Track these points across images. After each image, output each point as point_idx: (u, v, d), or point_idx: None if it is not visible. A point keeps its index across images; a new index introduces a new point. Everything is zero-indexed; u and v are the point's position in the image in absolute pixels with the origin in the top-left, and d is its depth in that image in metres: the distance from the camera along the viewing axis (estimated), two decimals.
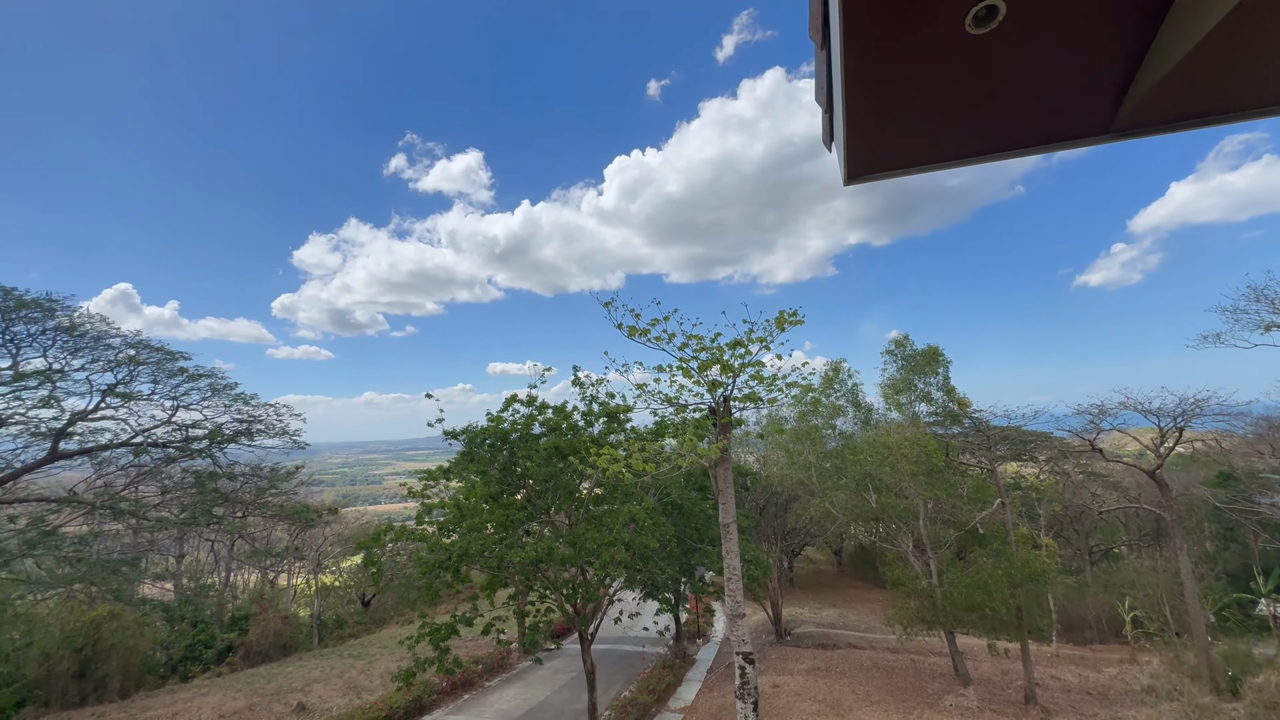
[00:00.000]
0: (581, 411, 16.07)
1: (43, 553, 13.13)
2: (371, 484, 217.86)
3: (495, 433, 15.33)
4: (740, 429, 23.92)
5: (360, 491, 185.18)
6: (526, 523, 15.07)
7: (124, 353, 15.47)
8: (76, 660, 20.87)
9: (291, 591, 37.62)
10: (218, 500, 16.49)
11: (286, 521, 20.41)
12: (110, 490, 15.10)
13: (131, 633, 22.26)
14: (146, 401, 16.01)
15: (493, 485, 15.64)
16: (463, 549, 13.25)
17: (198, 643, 25.22)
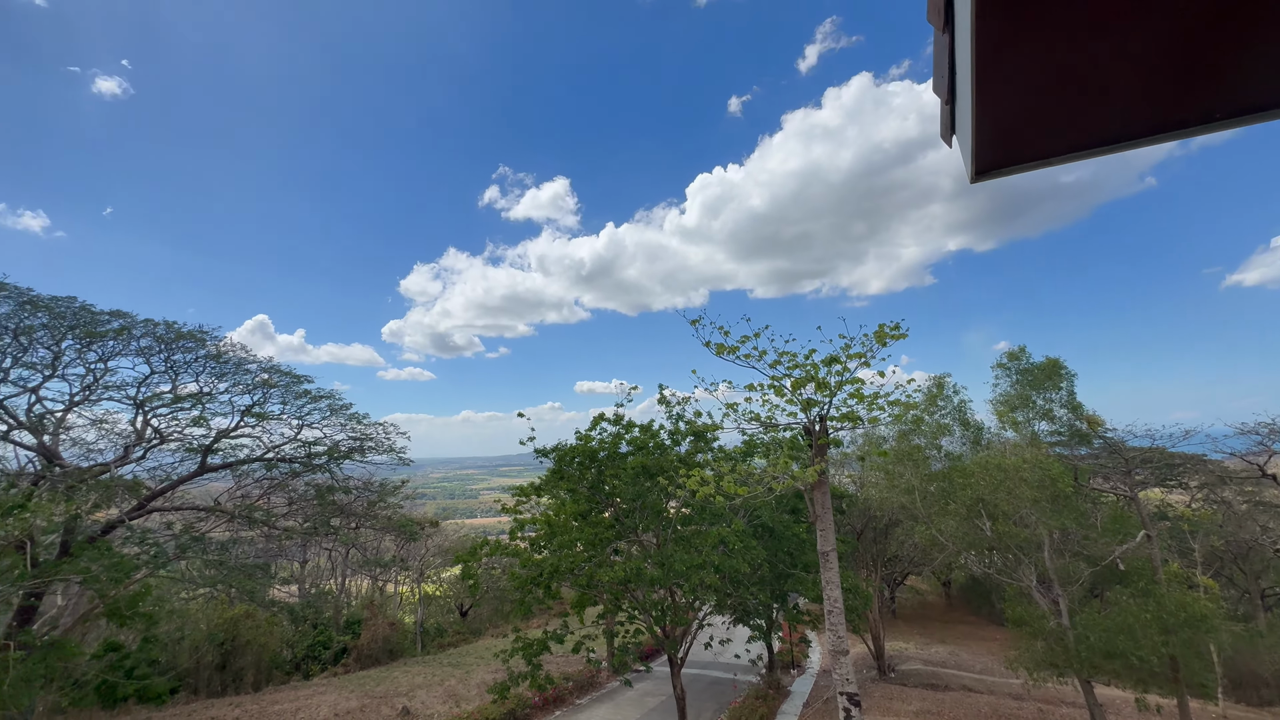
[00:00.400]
0: (668, 430, 16.00)
1: (192, 555, 14.80)
2: (468, 498, 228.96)
3: (583, 451, 15.54)
4: (836, 450, 22.82)
5: (458, 505, 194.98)
6: (615, 541, 15.09)
7: (259, 377, 17.35)
8: (219, 653, 23.26)
9: (398, 599, 40.06)
10: (335, 512, 17.88)
11: (393, 533, 21.75)
12: (246, 501, 16.82)
13: (263, 631, 24.53)
14: (276, 420, 17.79)
15: (581, 503, 15.85)
16: (553, 566, 13.44)
17: (317, 643, 27.33)
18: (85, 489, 13.13)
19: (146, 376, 16.07)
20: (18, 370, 14.36)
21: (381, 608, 32.26)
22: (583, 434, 16.12)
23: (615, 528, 15.10)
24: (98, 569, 10.42)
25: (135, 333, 15.37)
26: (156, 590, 13.45)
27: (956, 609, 39.64)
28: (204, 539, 14.72)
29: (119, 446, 15.75)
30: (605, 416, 16.39)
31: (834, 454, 28.63)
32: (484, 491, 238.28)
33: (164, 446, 16.17)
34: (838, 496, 23.97)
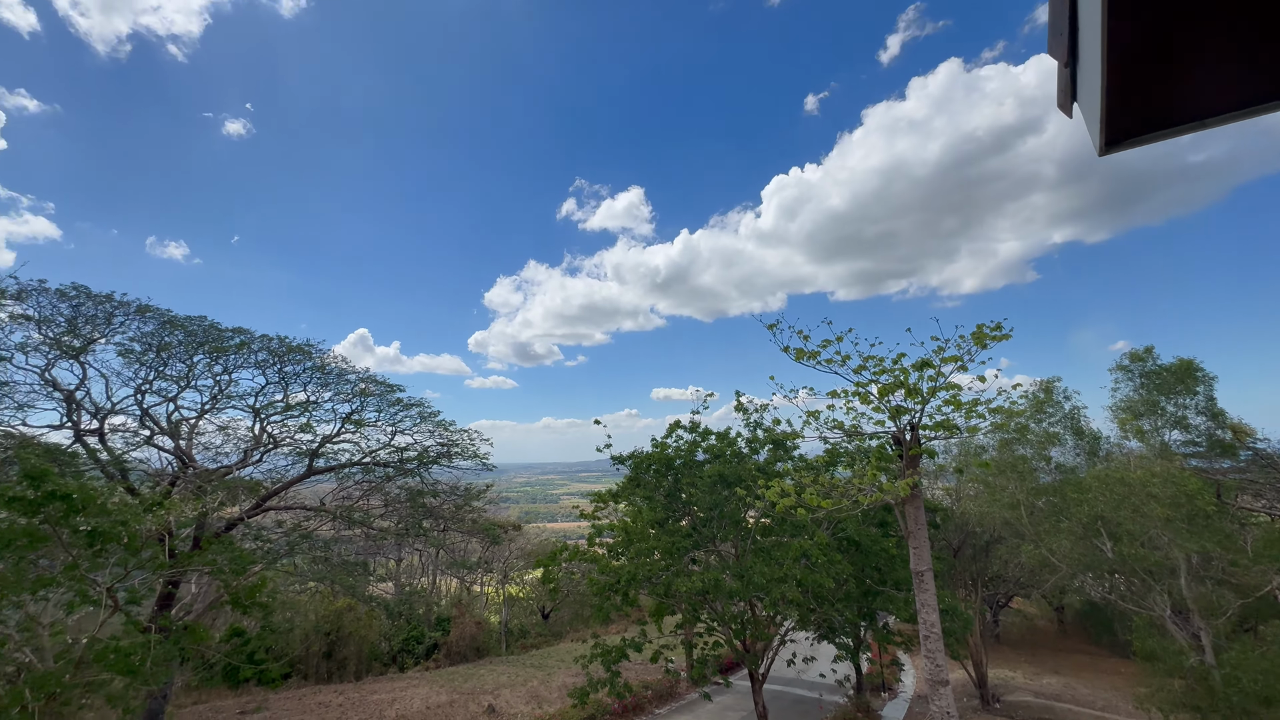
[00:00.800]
0: (746, 438, 15.68)
1: (301, 551, 16.09)
2: (549, 502, 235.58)
3: (659, 459, 15.49)
4: (929, 461, 21.46)
5: (539, 509, 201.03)
6: (692, 551, 14.91)
7: (357, 387, 18.65)
8: (326, 643, 25.14)
9: (483, 599, 41.67)
10: (425, 514, 18.85)
11: (478, 536, 22.63)
12: (347, 502, 18.08)
13: (364, 624, 26.28)
14: (372, 427, 19.04)
15: (658, 510, 15.80)
16: (631, 573, 13.44)
17: (411, 638, 28.91)
18: (213, 488, 14.59)
19: (262, 387, 17.71)
20: (159, 382, 16.25)
21: (469, 607, 33.67)
22: (659, 441, 16.09)
23: (693, 537, 14.96)
24: (222, 561, 11.49)
25: (253, 347, 17.00)
26: (271, 583, 14.73)
27: (1071, 636, 36.03)
28: (311, 536, 15.95)
29: (240, 451, 17.42)
30: (681, 424, 16.28)
31: (927, 465, 26.95)
32: (564, 496, 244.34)
33: (277, 451, 17.71)
34: (931, 510, 22.50)
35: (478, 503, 22.13)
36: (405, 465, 19.00)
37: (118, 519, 8.78)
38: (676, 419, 16.53)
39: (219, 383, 17.22)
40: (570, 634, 34.90)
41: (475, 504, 21.51)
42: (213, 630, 20.05)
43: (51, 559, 9.82)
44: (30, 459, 10.18)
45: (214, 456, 17.66)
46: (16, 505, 7.90)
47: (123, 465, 15.41)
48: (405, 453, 19.31)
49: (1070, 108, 1.52)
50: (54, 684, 7.71)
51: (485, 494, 23.08)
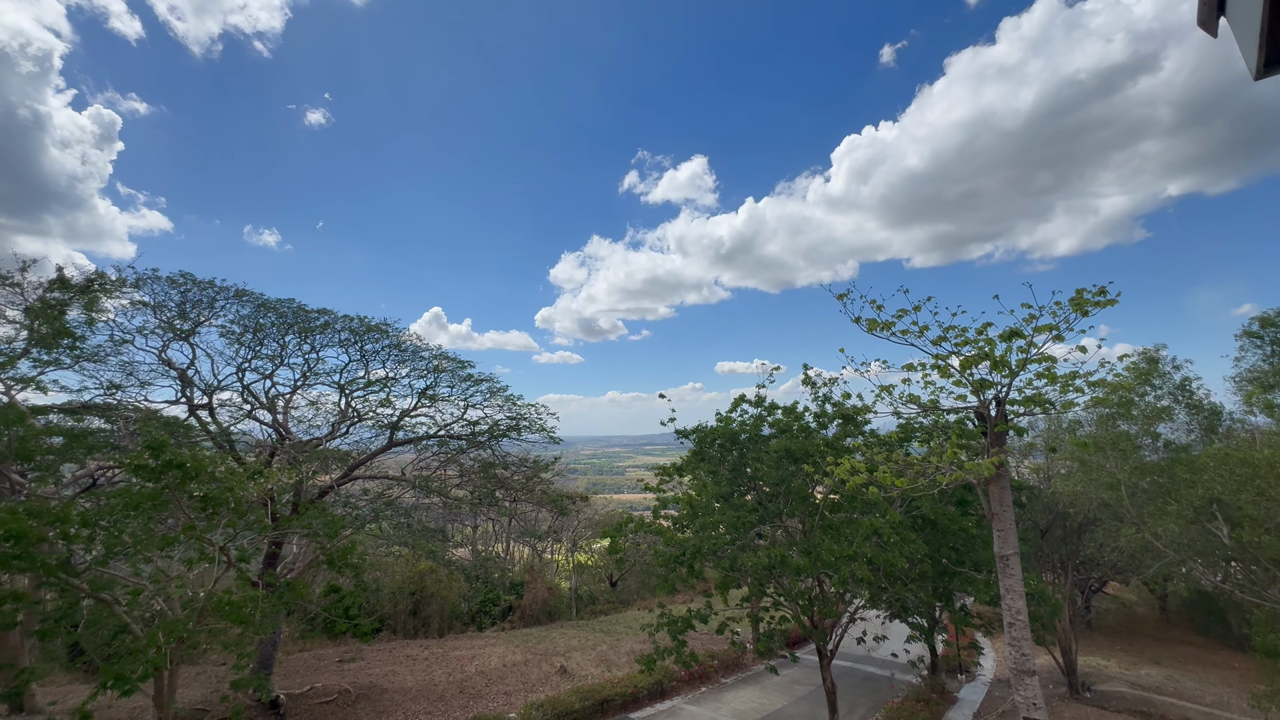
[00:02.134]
0: (813, 413, 15.35)
1: (385, 518, 17.27)
2: (615, 474, 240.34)
3: (724, 433, 15.40)
4: (1017, 439, 20.25)
5: (606, 481, 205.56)
6: (758, 525, 14.84)
7: (432, 363, 19.52)
8: (411, 601, 27.03)
9: (554, 566, 43.40)
10: (497, 485, 19.71)
11: (547, 507, 23.44)
12: (425, 472, 19.16)
13: (445, 585, 28.02)
14: (446, 402, 19.96)
15: (723, 485, 15.80)
16: (696, 546, 13.55)
17: (488, 600, 30.60)
18: (307, 458, 15.79)
19: (346, 364, 18.90)
20: (257, 361, 17.64)
21: (540, 573, 35.19)
22: (723, 415, 16.01)
23: (758, 511, 14.89)
24: (318, 525, 12.45)
25: (336, 327, 18.11)
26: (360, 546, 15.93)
27: (1176, 626, 33.41)
28: (394, 504, 17.06)
29: (328, 424, 18.73)
30: (746, 398, 16.12)
31: (1013, 442, 25.59)
32: (629, 469, 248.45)
33: (361, 424, 18.94)
34: (1016, 488, 21.28)
35: (546, 474, 22.85)
36: (477, 438, 19.81)
37: (225, 485, 9.65)
38: (741, 393, 16.43)
39: (308, 360, 18.50)
40: (637, 602, 35.82)
41: (544, 475, 22.21)
42: (313, 587, 21.94)
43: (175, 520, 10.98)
44: (151, 431, 11.34)
45: (307, 429, 19.10)
46: (142, 472, 8.83)
47: (229, 437, 16.94)
48: (477, 426, 20.13)
49: (1215, 24, 1.26)
50: (182, 629, 8.64)
51: (553, 466, 23.80)
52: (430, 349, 19.81)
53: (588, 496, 43.11)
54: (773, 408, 16.08)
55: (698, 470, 16.63)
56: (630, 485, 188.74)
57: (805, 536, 14.30)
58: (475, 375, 20.18)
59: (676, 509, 16.35)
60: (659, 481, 18.34)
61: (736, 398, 16.24)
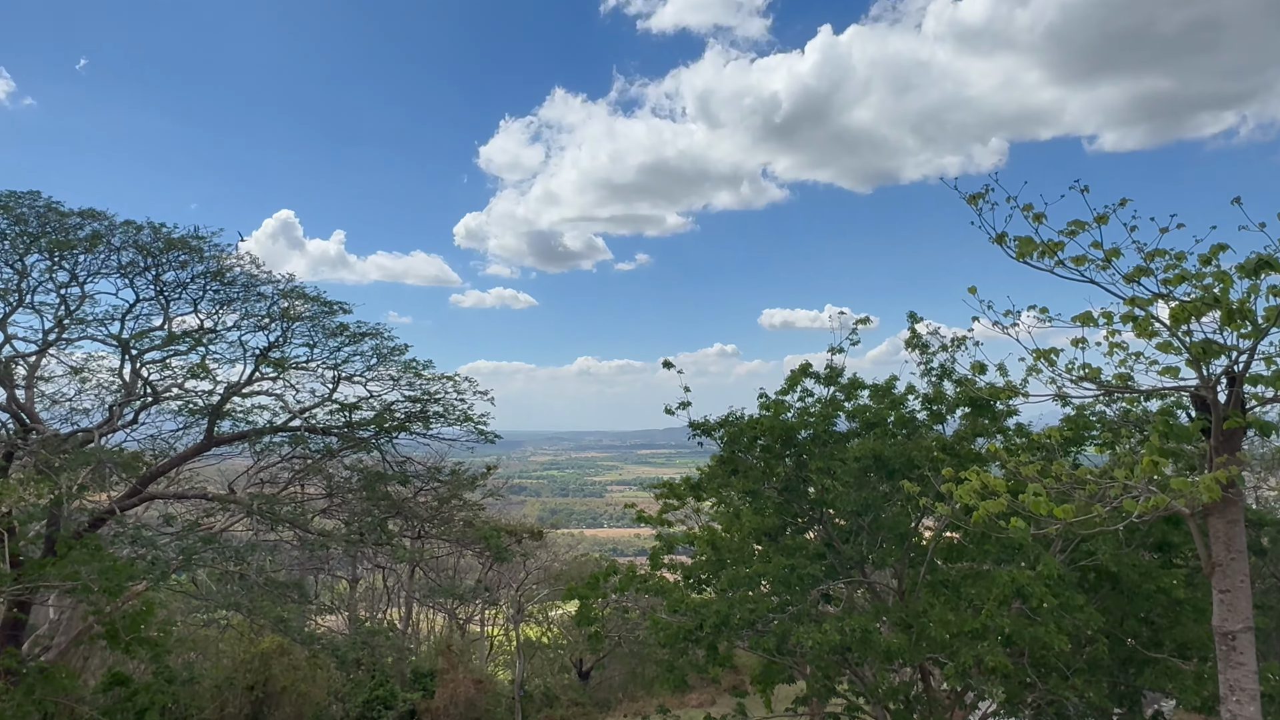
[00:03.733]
0: (922, 394, 15.52)
1: (202, 564, 17.44)
2: (589, 495, 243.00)
3: (772, 428, 15.50)
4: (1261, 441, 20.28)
5: (574, 506, 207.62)
6: (826, 581, 15.10)
7: (278, 305, 19.58)
8: (248, 701, 27.55)
9: (486, 645, 44.25)
10: (390, 510, 19.91)
11: (476, 547, 23.72)
12: (270, 489, 19.30)
13: (304, 675, 28.52)
14: (303, 371, 20.07)
15: (768, 514, 16.09)
16: (721, 615, 13.77)
17: (376, 699, 31.26)
18: (68, 463, 15.65)
19: (131, 305, 18.74)
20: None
21: (463, 657, 35.82)
22: (771, 399, 16.16)
23: (826, 558, 15.12)
24: (88, 574, 12.48)
25: (114, 241, 17.87)
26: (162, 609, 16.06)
27: None
28: (216, 540, 17.16)
29: (104, 405, 18.69)
30: (811, 370, 16.24)
31: (1254, 447, 25.38)
32: (612, 487, 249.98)
33: (160, 407, 18.94)
34: (1253, 523, 21.66)
35: (472, 494, 23.01)
36: (356, 432, 19.92)
37: None
38: (802, 361, 16.49)
39: (65, 298, 18.31)
40: (624, 704, 36.67)
41: (468, 496, 22.38)
42: (82, 676, 22.21)
43: None
44: None
45: (67, 414, 19.01)
46: None
47: None
48: (356, 412, 20.22)
49: None
50: None
51: (485, 480, 23.92)
52: (276, 280, 19.71)
53: (542, 532, 43.52)
54: (854, 386, 16.22)
55: (727, 489, 16.81)
56: (613, 513, 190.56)
57: (903, 599, 14.52)
58: (354, 328, 20.17)
59: (690, 553, 16.51)
60: (662, 508, 18.48)
61: (795, 370, 16.32)
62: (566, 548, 52.81)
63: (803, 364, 16.37)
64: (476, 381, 21.27)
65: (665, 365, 16.88)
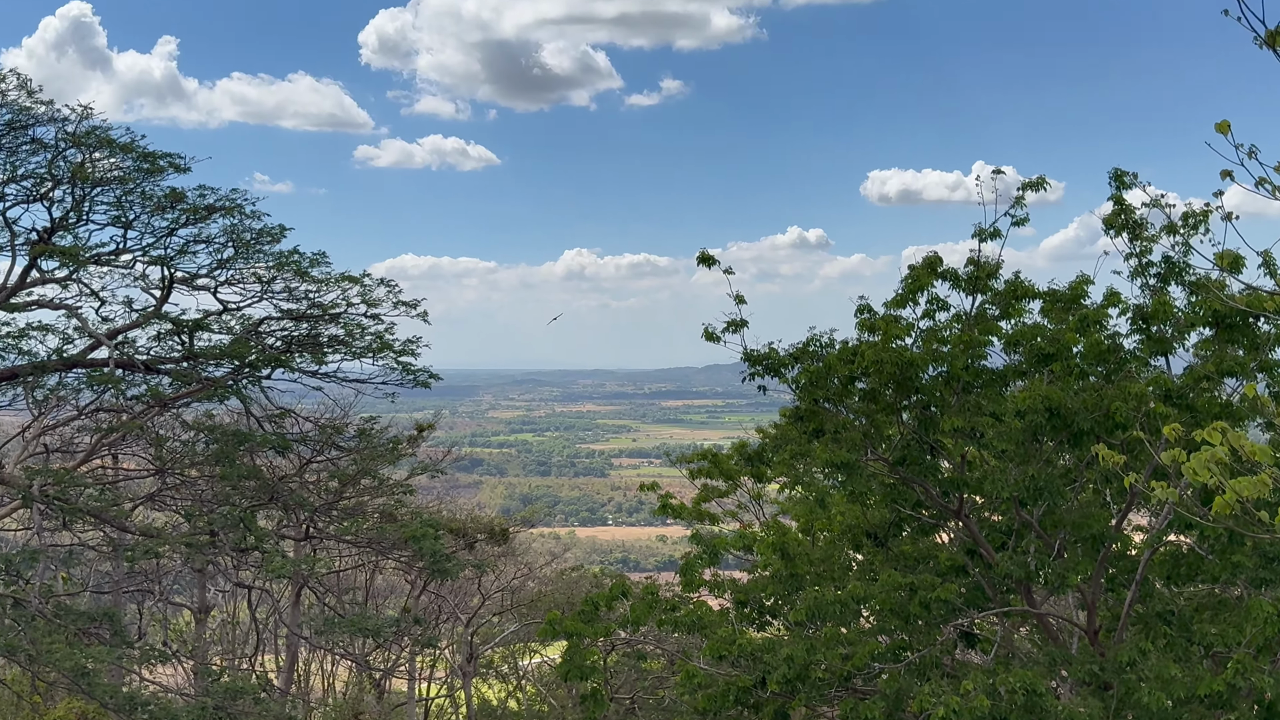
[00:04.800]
0: (1133, 306, 15.40)
1: None
2: (584, 473, 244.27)
3: (881, 362, 15.22)
4: None
5: (561, 490, 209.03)
6: (966, 612, 15.07)
7: (62, 154, 19.27)
8: None
9: (419, 713, 44.50)
10: (260, 497, 19.98)
11: (399, 556, 23.80)
12: (57, 467, 19.13)
13: None
14: (111, 268, 19.87)
15: (874, 504, 16.22)
16: (797, 664, 13.73)
17: None
18: None
19: None
20: None
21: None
22: (880, 314, 16.04)
23: (968, 574, 15.18)
24: None
25: None
26: None
27: None
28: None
29: None
30: (944, 267, 16.10)
31: None
32: (620, 459, 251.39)
33: None
34: None
35: (395, 470, 22.99)
36: (202, 369, 20.06)
37: None
38: (928, 254, 16.36)
39: None
40: None
41: (388, 473, 22.43)
42: None
43: None
44: None
45: None
46: None
47: None
48: (200, 336, 20.32)
49: None
50: None
51: (417, 447, 23.82)
52: (63, 118, 19.37)
53: (508, 531, 43.79)
54: (1017, 295, 16.12)
55: (805, 463, 16.87)
56: (623, 502, 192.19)
57: (1095, 642, 14.43)
58: (194, 198, 20.01)
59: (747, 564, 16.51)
60: (701, 494, 18.44)
61: (918, 268, 16.15)
62: (548, 557, 52.84)
63: (929, 257, 16.18)
64: (400, 287, 21.27)
65: (703, 262, 16.88)
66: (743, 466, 17.80)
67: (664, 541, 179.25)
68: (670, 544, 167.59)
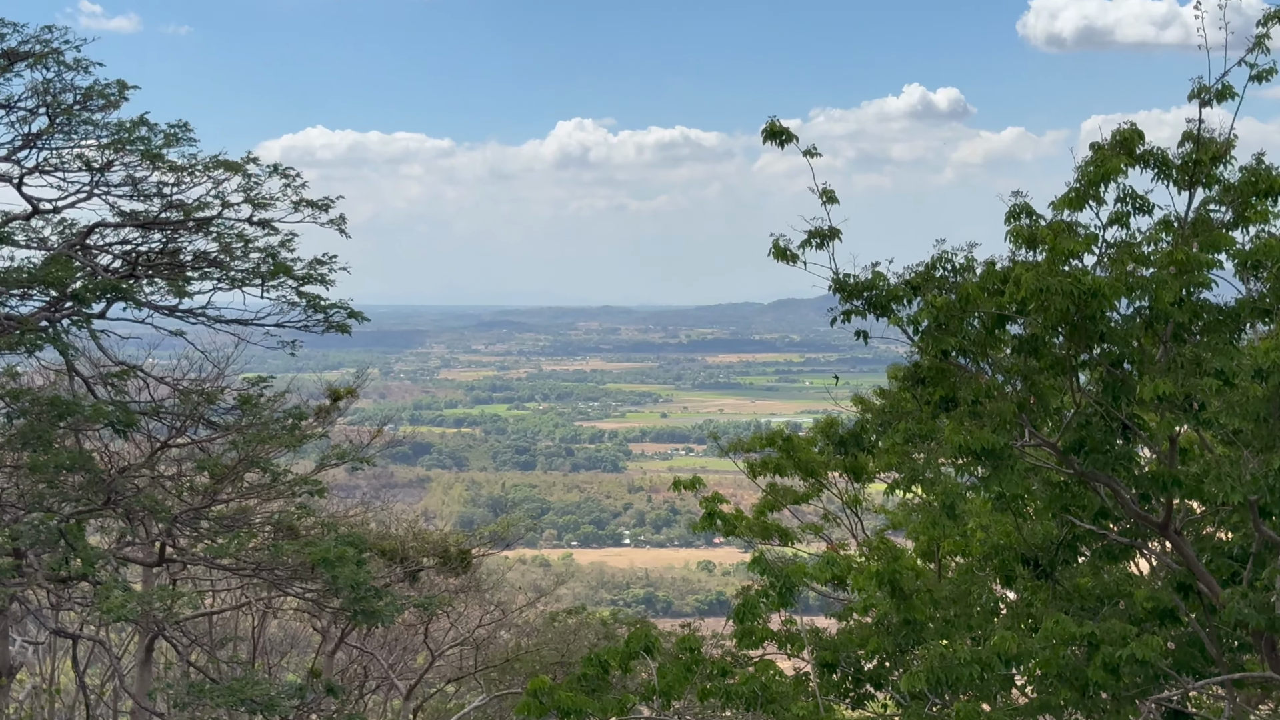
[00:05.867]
0: None
1: None
2: (590, 464, 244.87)
3: (1046, 293, 15.18)
4: None
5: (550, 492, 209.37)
6: (1172, 681, 15.04)
7: None
8: None
9: None
10: (92, 498, 20.01)
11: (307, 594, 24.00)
12: None
13: None
14: None
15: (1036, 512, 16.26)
16: None
17: None
18: None
19: None
20: None
21: None
22: (1045, 223, 16.00)
23: (1184, 624, 15.26)
24: None
25: None
26: None
27: None
28: None
29: None
30: (1139, 147, 15.95)
31: None
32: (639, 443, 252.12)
33: None
34: None
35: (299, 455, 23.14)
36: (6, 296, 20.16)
37: None
38: (1122, 125, 16.30)
39: None
40: None
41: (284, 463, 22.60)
42: None
43: None
44: None
45: None
46: None
47: None
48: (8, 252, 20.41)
49: None
50: None
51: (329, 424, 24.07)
52: None
53: (468, 554, 44.02)
54: (1258, 188, 15.85)
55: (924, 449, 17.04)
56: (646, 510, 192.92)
57: None
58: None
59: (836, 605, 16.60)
60: (766, 498, 18.55)
61: (1104, 149, 16.06)
62: (531, 593, 52.92)
63: (1123, 130, 16.09)
64: (303, 179, 21.45)
65: (773, 138, 16.92)
66: (831, 456, 17.69)
67: (709, 571, 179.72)
68: (719, 574, 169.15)
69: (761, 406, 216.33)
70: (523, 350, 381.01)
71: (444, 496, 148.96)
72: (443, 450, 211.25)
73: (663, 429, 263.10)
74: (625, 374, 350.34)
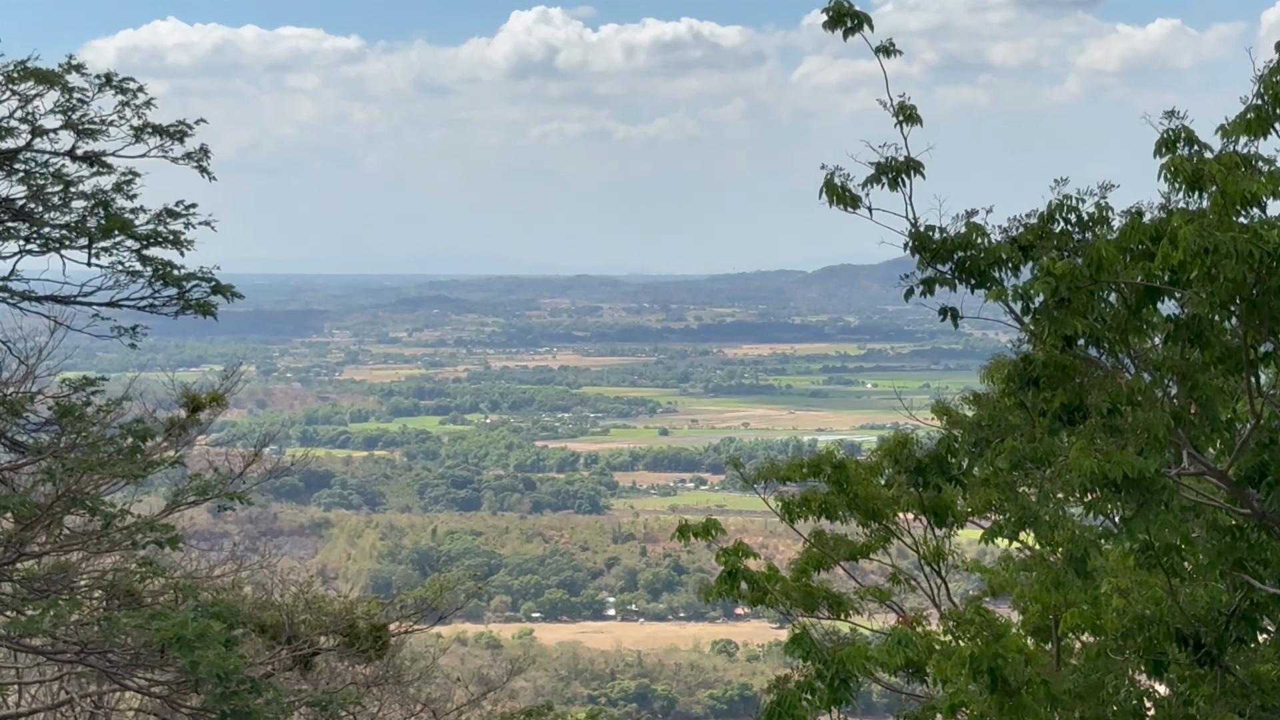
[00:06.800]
0: None
1: None
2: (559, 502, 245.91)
3: (1213, 254, 15.23)
4: None
5: (502, 539, 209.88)
6: None
7: None
8: None
9: None
10: None
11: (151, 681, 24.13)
12: None
13: None
14: None
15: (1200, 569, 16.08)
16: None
17: None
18: None
19: None
20: None
21: None
22: (1214, 155, 15.83)
23: None
24: None
25: None
26: None
27: None
28: None
29: None
30: None
31: None
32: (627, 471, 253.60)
33: None
34: None
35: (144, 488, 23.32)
36: None
37: None
38: None
39: None
40: None
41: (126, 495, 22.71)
42: None
43: None
44: None
45: None
46: None
47: None
48: None
49: None
50: None
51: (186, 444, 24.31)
52: None
53: (385, 631, 44.34)
54: None
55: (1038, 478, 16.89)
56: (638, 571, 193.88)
57: None
58: None
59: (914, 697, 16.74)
60: (810, 550, 18.78)
61: None
62: (476, 687, 53.34)
63: None
64: (148, 94, 21.23)
65: (837, 23, 16.86)
66: (903, 491, 17.72)
67: (729, 655, 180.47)
68: (743, 659, 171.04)
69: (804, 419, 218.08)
70: (462, 339, 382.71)
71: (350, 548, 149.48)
72: (348, 482, 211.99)
73: (662, 451, 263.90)
74: (609, 373, 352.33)
